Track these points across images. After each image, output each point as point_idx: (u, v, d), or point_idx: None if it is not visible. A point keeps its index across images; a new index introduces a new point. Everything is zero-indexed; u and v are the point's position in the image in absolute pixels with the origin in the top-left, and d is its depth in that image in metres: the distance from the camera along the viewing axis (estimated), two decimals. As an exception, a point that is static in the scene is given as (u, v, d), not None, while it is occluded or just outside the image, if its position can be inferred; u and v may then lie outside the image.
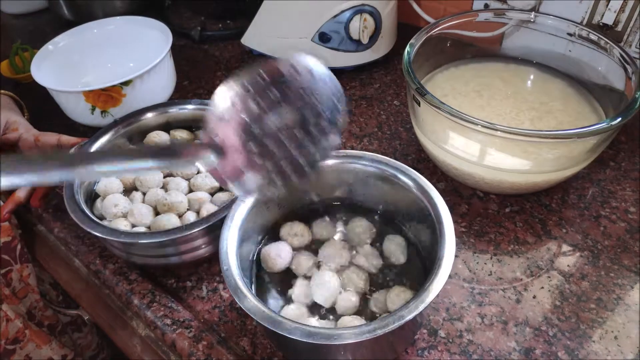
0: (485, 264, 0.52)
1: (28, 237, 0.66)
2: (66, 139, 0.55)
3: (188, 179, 0.56)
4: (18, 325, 0.60)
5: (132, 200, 0.53)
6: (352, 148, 0.66)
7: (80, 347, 0.76)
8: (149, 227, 0.51)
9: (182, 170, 0.56)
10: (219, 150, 0.28)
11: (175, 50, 0.75)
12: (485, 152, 0.52)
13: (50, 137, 0.55)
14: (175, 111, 0.60)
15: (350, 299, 0.44)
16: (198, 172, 0.57)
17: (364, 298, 0.45)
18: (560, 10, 0.67)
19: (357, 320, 0.42)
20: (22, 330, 0.61)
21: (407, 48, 0.58)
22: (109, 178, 0.55)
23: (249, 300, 0.37)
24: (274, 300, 0.46)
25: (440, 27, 0.62)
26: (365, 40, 0.73)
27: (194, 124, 0.62)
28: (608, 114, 0.57)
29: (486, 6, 0.75)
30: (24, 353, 0.62)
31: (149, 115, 0.59)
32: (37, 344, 0.63)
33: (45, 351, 0.64)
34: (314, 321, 0.43)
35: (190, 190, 0.55)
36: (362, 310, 0.44)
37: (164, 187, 0.55)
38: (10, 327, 0.59)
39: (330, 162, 0.48)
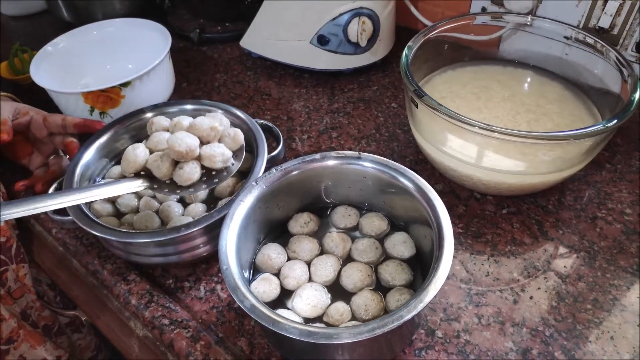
0: (483, 264, 0.52)
1: (25, 237, 0.66)
2: (70, 119, 0.59)
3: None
4: (12, 325, 0.60)
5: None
6: (350, 149, 0.67)
7: (80, 348, 0.76)
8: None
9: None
10: None
11: (174, 52, 0.76)
12: (482, 154, 0.53)
13: (57, 117, 0.59)
14: (175, 111, 0.60)
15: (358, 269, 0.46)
16: None
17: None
18: (557, 14, 0.68)
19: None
20: (16, 330, 0.60)
21: (405, 51, 0.59)
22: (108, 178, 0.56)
23: (248, 300, 0.37)
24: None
25: (438, 30, 0.63)
26: (363, 43, 0.74)
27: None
28: (604, 116, 0.57)
29: (483, 9, 0.76)
30: (18, 353, 0.61)
31: (149, 115, 0.59)
32: (32, 344, 0.63)
33: (40, 352, 0.64)
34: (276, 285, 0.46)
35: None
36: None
37: None
38: (4, 326, 0.59)
39: (329, 163, 0.48)
